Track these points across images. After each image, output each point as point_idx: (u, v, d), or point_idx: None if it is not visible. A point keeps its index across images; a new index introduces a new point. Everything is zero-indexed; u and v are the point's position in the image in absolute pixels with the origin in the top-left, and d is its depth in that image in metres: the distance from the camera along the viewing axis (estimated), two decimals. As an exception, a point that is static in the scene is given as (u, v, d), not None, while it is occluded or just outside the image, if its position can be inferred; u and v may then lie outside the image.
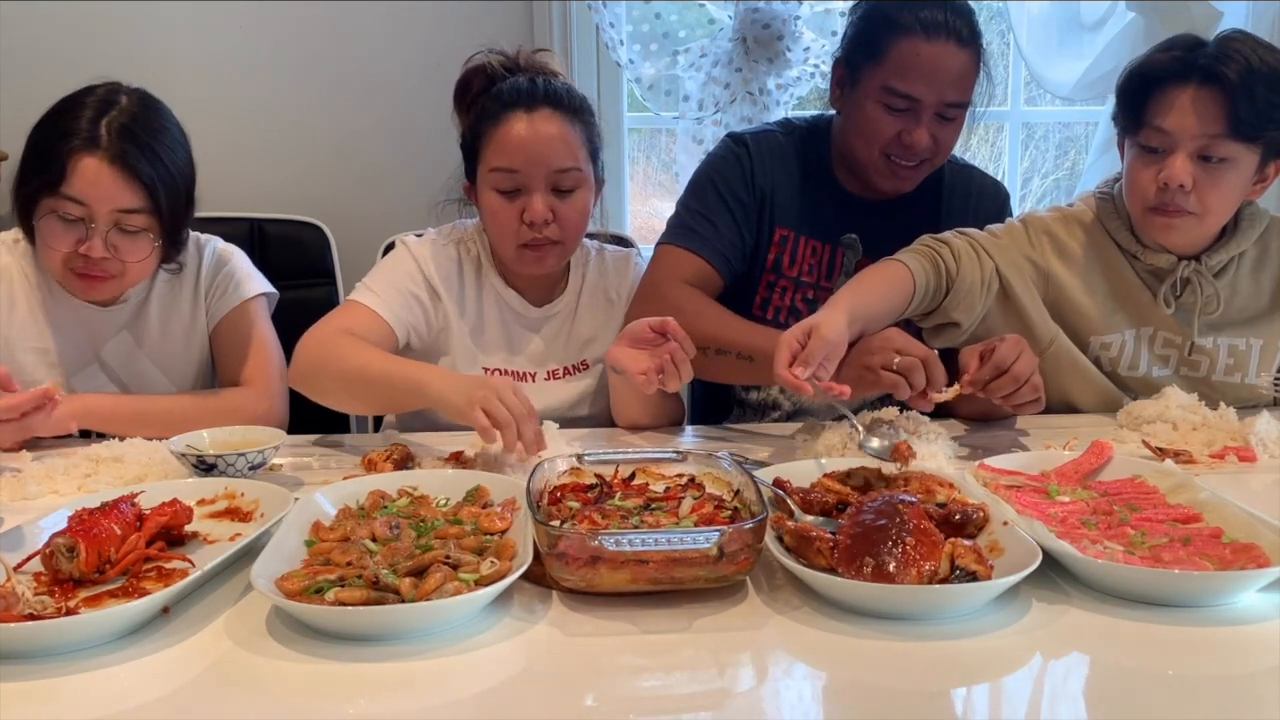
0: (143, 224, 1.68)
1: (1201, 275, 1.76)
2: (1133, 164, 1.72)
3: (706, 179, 1.89)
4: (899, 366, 1.52)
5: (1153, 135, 1.67)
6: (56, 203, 1.64)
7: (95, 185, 1.63)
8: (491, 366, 1.84)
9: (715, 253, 1.83)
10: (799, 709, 0.93)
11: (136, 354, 1.82)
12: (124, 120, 1.66)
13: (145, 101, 1.73)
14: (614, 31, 2.54)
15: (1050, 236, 1.80)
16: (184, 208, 1.74)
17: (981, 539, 1.15)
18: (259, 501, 1.32)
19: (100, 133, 1.64)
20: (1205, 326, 1.79)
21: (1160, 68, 1.68)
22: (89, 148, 1.63)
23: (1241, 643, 1.01)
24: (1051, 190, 3.21)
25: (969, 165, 1.99)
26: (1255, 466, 1.53)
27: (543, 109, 1.71)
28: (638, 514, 1.18)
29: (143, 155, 1.66)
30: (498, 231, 1.77)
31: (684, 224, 1.86)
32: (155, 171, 1.67)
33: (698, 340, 1.61)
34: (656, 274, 1.84)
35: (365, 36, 2.62)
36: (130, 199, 1.65)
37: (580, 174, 1.74)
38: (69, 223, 1.65)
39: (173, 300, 1.84)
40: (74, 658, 0.98)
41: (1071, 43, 2.68)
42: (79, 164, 1.63)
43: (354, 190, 2.63)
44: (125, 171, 1.64)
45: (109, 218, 1.65)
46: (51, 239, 1.66)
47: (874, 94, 1.75)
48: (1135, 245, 1.77)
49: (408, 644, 1.00)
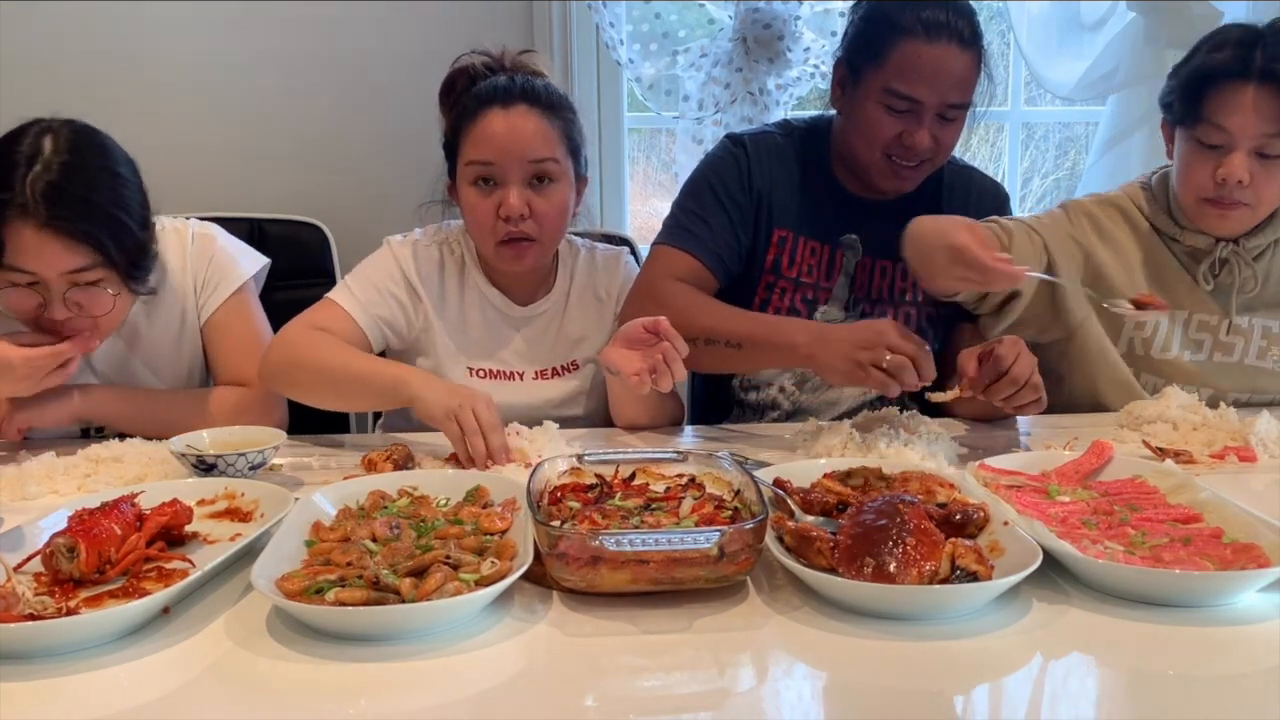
0: (98, 277, 1.59)
1: (1240, 256, 1.81)
2: (1188, 156, 1.75)
3: (703, 179, 1.89)
4: (889, 365, 1.52)
5: (1211, 132, 1.70)
6: (5, 274, 1.57)
7: (36, 255, 1.54)
8: (477, 366, 1.84)
9: (709, 253, 1.83)
10: (799, 709, 0.93)
11: (128, 357, 1.80)
12: (50, 178, 1.54)
13: (75, 143, 1.59)
14: (614, 31, 2.54)
15: (1090, 217, 1.85)
16: (138, 243, 1.63)
17: (982, 539, 1.15)
18: (259, 501, 1.32)
19: (26, 198, 1.52)
20: (1241, 306, 1.84)
21: (1218, 66, 1.70)
22: (20, 215, 1.53)
23: (1241, 643, 1.01)
24: (1052, 190, 3.21)
25: (968, 166, 1.99)
26: (1255, 466, 1.53)
27: (519, 105, 1.72)
28: (638, 514, 1.18)
29: (76, 213, 1.55)
30: (476, 228, 1.77)
31: (679, 224, 1.87)
32: (95, 224, 1.56)
33: (687, 333, 1.61)
34: (650, 273, 1.84)
35: (365, 36, 2.62)
36: (76, 259, 1.56)
37: (557, 166, 1.74)
38: (25, 289, 1.58)
39: (159, 299, 1.79)
40: (74, 658, 0.98)
41: (1072, 43, 2.68)
42: (16, 234, 1.53)
43: (354, 190, 2.63)
44: (62, 235, 1.54)
45: (61, 281, 1.57)
46: (14, 310, 1.61)
47: (875, 95, 1.75)
48: (1173, 227, 1.81)
49: (408, 644, 1.00)
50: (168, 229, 1.81)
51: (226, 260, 1.83)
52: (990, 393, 1.55)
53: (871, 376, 1.53)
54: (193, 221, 1.86)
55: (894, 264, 1.89)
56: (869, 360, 1.53)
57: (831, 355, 1.59)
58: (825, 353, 1.60)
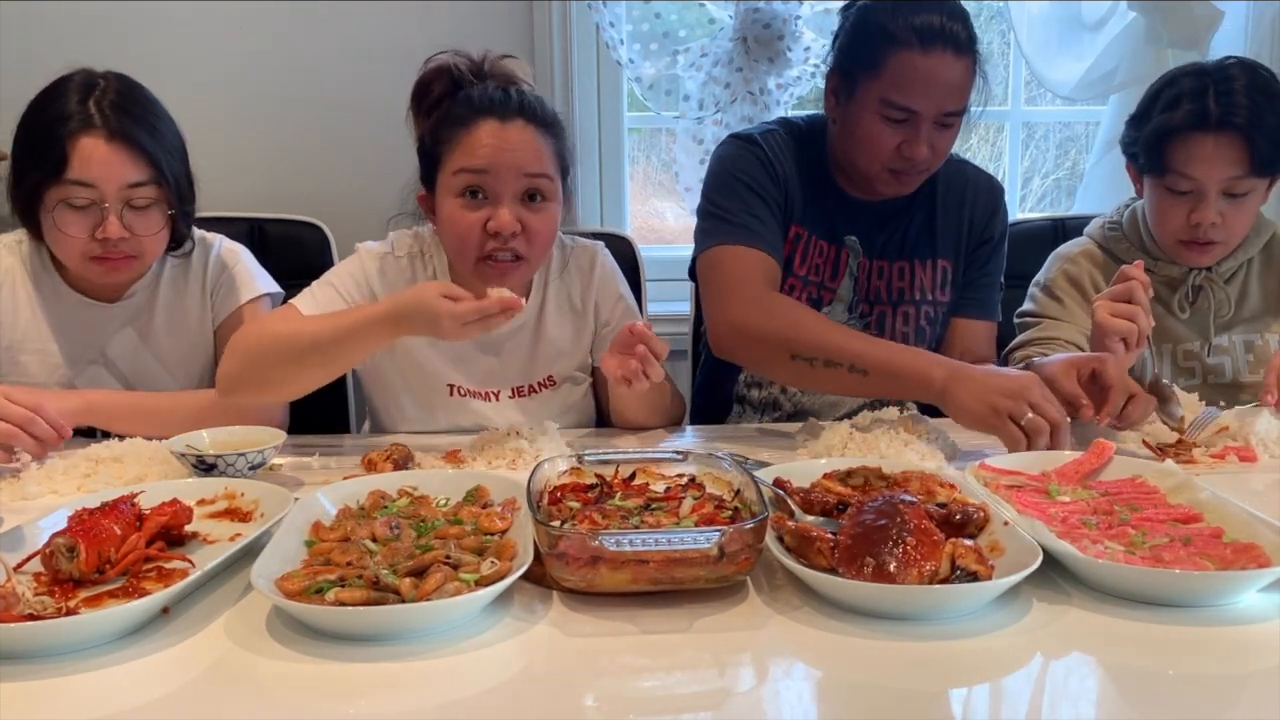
0: (153, 196, 1.68)
1: (1213, 282, 1.90)
2: (1160, 202, 1.85)
3: (732, 178, 1.82)
4: (1027, 424, 1.47)
5: (1180, 181, 1.80)
6: (63, 190, 1.63)
7: (101, 164, 1.63)
8: (457, 384, 1.79)
9: (774, 248, 1.79)
10: (799, 709, 0.93)
11: (141, 351, 1.82)
12: (112, 97, 1.66)
13: (124, 80, 1.72)
14: (614, 31, 2.54)
15: (1074, 284, 1.94)
16: (187, 179, 1.75)
17: (982, 539, 1.15)
18: (259, 501, 1.32)
19: (92, 112, 1.63)
20: (1218, 329, 1.91)
21: (1177, 123, 1.79)
22: (86, 128, 1.62)
23: (1242, 643, 1.01)
24: (1052, 190, 3.21)
25: (964, 161, 1.97)
26: (1255, 466, 1.54)
27: (517, 119, 1.65)
28: (638, 514, 1.18)
29: (139, 127, 1.66)
30: (457, 243, 1.66)
31: (734, 222, 1.79)
32: (155, 141, 1.67)
33: (804, 350, 1.61)
34: (735, 277, 1.75)
35: (366, 36, 2.62)
36: (137, 172, 1.65)
37: (551, 184, 1.66)
38: (80, 209, 1.64)
39: (177, 297, 1.83)
40: (74, 658, 0.97)
41: (1072, 42, 2.68)
42: (79, 146, 1.62)
43: (354, 190, 2.63)
44: (127, 145, 1.64)
45: (119, 195, 1.64)
46: (67, 228, 1.65)
47: (872, 106, 1.72)
48: (1148, 261, 1.85)
49: (408, 644, 1.00)
50: (196, 236, 1.86)
51: (245, 274, 1.88)
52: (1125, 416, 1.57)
53: (1006, 429, 1.48)
54: (222, 238, 1.91)
55: (891, 265, 1.89)
56: (1009, 410, 1.48)
57: (968, 396, 1.52)
58: (962, 392, 1.53)
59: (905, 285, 1.90)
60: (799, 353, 1.63)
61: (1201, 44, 2.54)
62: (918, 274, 1.90)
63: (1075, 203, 2.90)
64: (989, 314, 1.95)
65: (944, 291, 1.91)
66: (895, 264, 1.89)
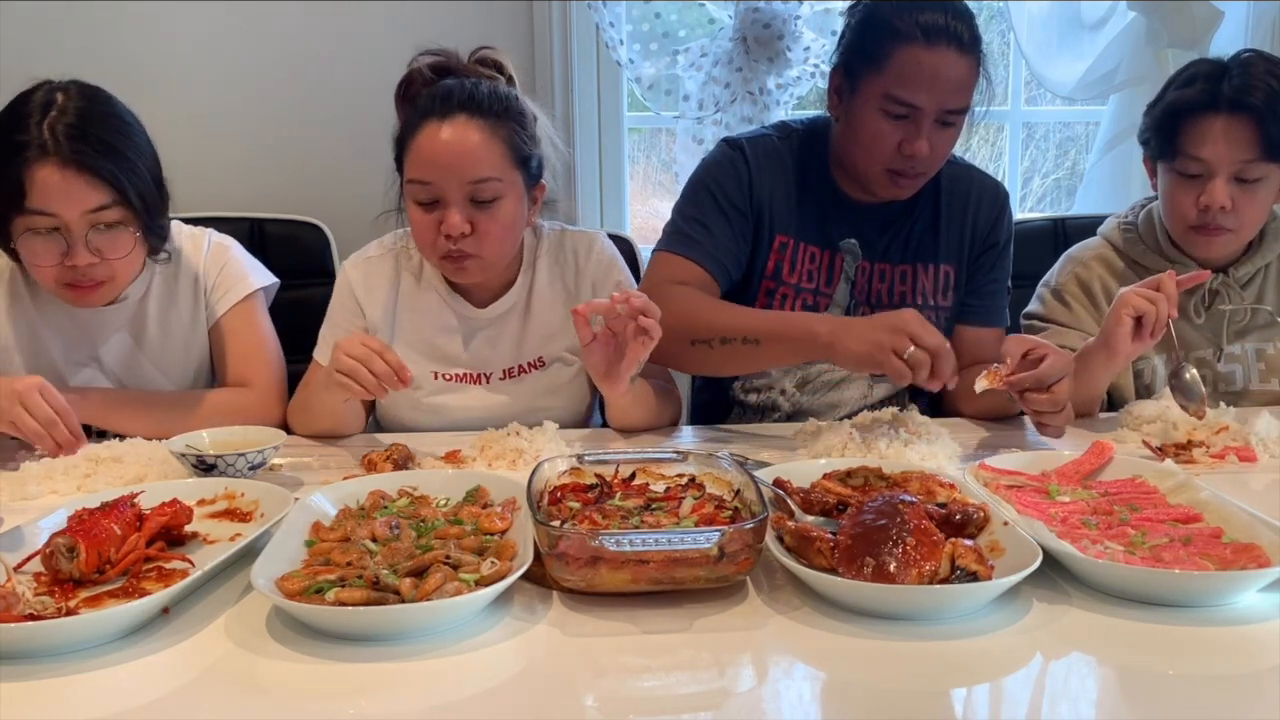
0: (117, 217, 1.63)
1: (1230, 287, 1.89)
2: (1171, 188, 1.84)
3: (702, 185, 1.87)
4: (910, 358, 1.51)
5: (1190, 163, 1.79)
6: (27, 220, 1.59)
7: (59, 193, 1.58)
8: (442, 371, 1.81)
9: (711, 259, 1.82)
10: (799, 709, 0.93)
11: (136, 354, 1.81)
12: (68, 119, 1.59)
13: (85, 92, 1.65)
14: (614, 31, 2.54)
15: (1084, 289, 1.93)
16: (155, 192, 1.68)
17: (982, 539, 1.15)
18: (259, 501, 1.32)
19: (46, 139, 1.57)
20: (1232, 335, 1.91)
21: (1188, 100, 1.79)
22: (41, 157, 1.57)
23: (1241, 643, 1.01)
24: (1052, 190, 3.21)
25: (969, 165, 1.97)
26: (1255, 466, 1.54)
27: (458, 116, 1.65)
28: (638, 514, 1.18)
29: (95, 150, 1.59)
30: (420, 242, 1.73)
31: (679, 230, 1.84)
32: (114, 163, 1.61)
33: (701, 334, 1.61)
34: (652, 280, 1.83)
35: (366, 36, 2.62)
36: (98, 197, 1.60)
37: (500, 184, 1.66)
38: (46, 236, 1.60)
39: (170, 298, 1.82)
40: (74, 658, 0.98)
41: (1072, 42, 2.68)
42: (35, 176, 1.57)
43: (354, 190, 2.62)
44: (83, 171, 1.58)
45: (82, 221, 1.60)
46: (34, 258, 1.63)
47: (875, 102, 1.72)
48: (1163, 264, 1.85)
49: (408, 644, 1.00)
50: (185, 234, 1.85)
51: (239, 269, 1.86)
52: (1025, 399, 1.57)
53: (890, 363, 1.52)
54: (211, 231, 1.90)
55: (893, 267, 1.89)
56: (890, 345, 1.52)
57: (852, 340, 1.57)
58: (846, 338, 1.58)
59: (907, 289, 1.89)
60: (697, 337, 1.66)
61: (1201, 44, 2.54)
62: (920, 278, 1.89)
63: (1075, 203, 2.90)
64: (996, 321, 1.94)
65: (946, 296, 1.91)
66: (898, 267, 1.89)
